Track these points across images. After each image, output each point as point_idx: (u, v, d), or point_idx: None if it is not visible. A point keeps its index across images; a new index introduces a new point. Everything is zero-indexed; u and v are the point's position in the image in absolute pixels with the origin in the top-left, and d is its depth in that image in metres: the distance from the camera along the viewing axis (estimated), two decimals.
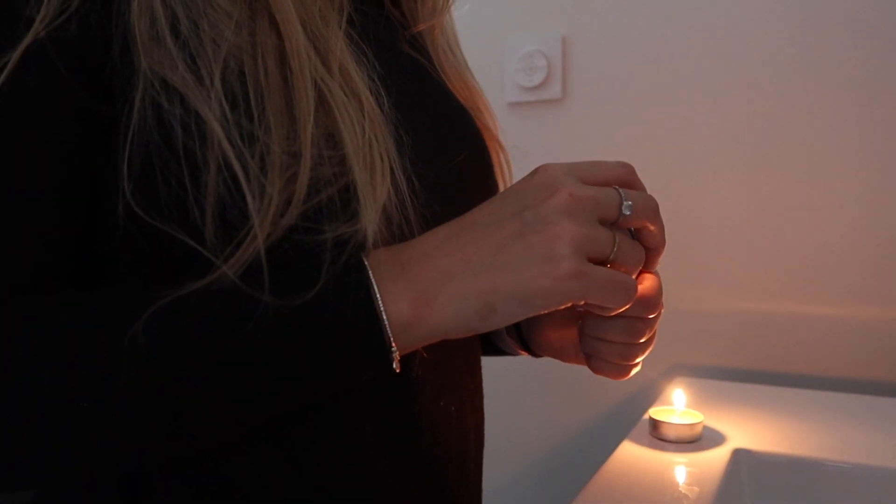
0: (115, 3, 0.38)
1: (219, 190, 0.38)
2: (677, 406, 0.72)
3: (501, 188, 0.64)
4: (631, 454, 0.65)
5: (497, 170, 0.63)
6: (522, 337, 0.60)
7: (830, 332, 0.95)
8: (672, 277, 0.53)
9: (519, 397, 1.13)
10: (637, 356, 0.50)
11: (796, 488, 0.65)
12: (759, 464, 0.66)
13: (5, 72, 0.35)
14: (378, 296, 0.38)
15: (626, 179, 0.43)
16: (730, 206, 0.99)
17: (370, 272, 0.38)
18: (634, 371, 0.50)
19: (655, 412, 0.71)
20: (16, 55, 0.35)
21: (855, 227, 0.93)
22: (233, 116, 0.38)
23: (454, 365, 0.54)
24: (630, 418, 0.81)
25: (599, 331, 0.49)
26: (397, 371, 0.40)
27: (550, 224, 0.38)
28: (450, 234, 0.41)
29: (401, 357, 0.40)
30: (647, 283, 0.48)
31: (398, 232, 0.43)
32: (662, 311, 0.49)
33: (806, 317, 0.96)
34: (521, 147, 0.77)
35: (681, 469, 0.62)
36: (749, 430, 0.71)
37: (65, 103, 0.38)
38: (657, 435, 0.69)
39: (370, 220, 0.40)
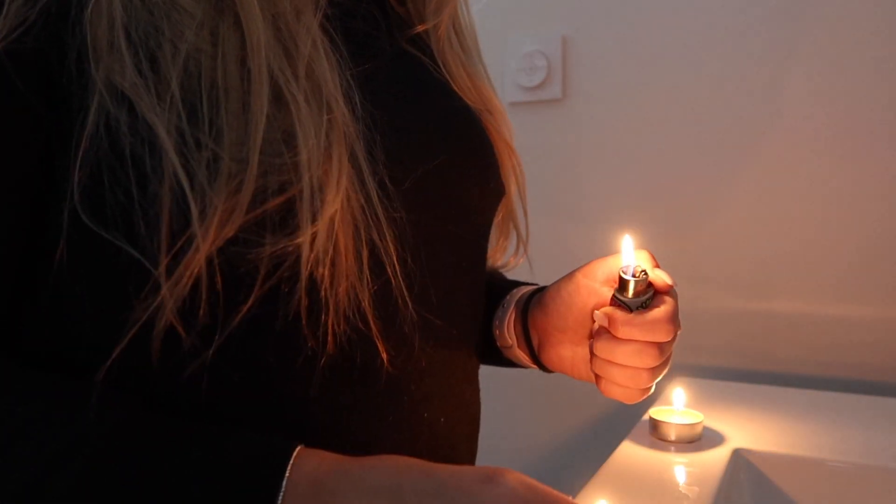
0: (72, 13, 0.37)
1: (164, 199, 0.36)
2: (677, 406, 0.72)
3: (514, 192, 0.63)
4: (631, 454, 0.65)
5: (506, 173, 0.61)
6: (534, 352, 0.59)
7: (830, 331, 0.95)
8: (672, 277, 0.53)
9: (519, 397, 1.13)
10: (648, 381, 0.49)
11: (796, 488, 0.65)
12: (759, 464, 0.66)
13: None
14: None
15: None
16: (730, 206, 0.99)
17: (280, 499, 0.35)
18: (645, 395, 0.49)
19: (655, 412, 0.71)
20: None
21: (855, 227, 0.93)
22: (184, 122, 0.36)
23: (448, 374, 0.52)
24: (630, 418, 0.81)
25: (610, 354, 0.48)
26: None
27: None
28: (383, 485, 0.36)
29: (389, 360, 0.39)
30: (661, 308, 0.46)
31: (367, 237, 0.41)
32: (679, 332, 0.48)
33: (806, 317, 0.96)
34: (521, 147, 0.77)
35: (681, 469, 0.62)
36: (749, 430, 0.71)
37: (19, 116, 0.37)
38: (657, 435, 0.69)
39: (311, 234, 0.38)
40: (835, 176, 0.93)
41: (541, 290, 0.59)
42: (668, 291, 0.50)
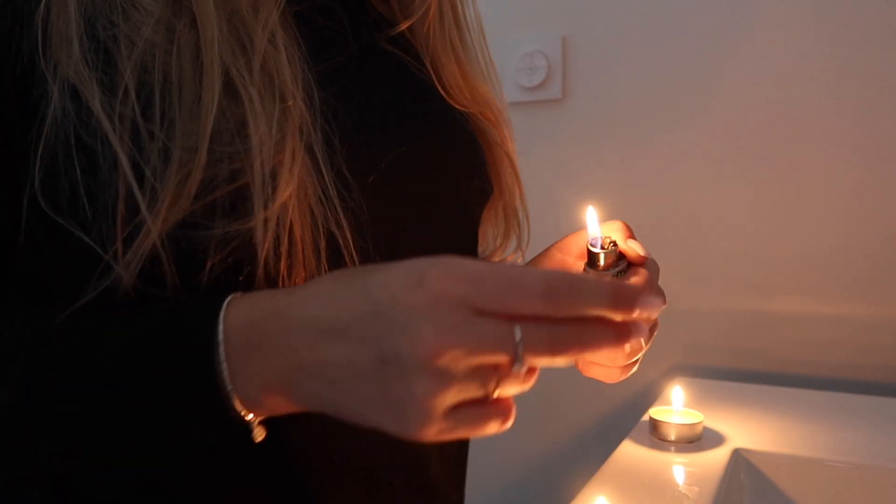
0: (26, 9, 0.39)
1: (113, 187, 0.38)
2: (677, 406, 0.72)
3: (515, 194, 0.62)
4: (631, 454, 0.65)
5: (500, 175, 0.61)
6: None
7: (830, 331, 0.95)
8: (672, 277, 0.53)
9: (518, 397, 1.13)
10: (626, 360, 0.47)
11: (796, 488, 0.65)
12: (759, 464, 0.66)
13: None
14: (226, 380, 0.35)
15: (542, 309, 0.32)
16: (730, 206, 0.99)
17: (221, 351, 0.35)
18: (627, 374, 0.48)
19: (655, 412, 0.71)
20: None
21: (855, 227, 0.93)
22: (138, 115, 0.38)
23: None
24: (630, 418, 0.81)
25: None
26: (260, 438, 0.37)
27: (409, 380, 0.32)
28: (321, 318, 0.35)
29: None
30: (633, 280, 0.45)
31: (325, 227, 0.42)
32: (664, 307, 0.48)
33: (806, 317, 0.96)
34: (521, 147, 0.77)
35: (681, 469, 0.62)
36: (749, 430, 0.71)
37: None
38: (657, 435, 0.69)
39: (264, 218, 0.39)
40: (836, 175, 0.93)
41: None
42: (644, 263, 0.49)
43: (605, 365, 0.48)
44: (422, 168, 0.51)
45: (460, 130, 0.57)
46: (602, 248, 0.48)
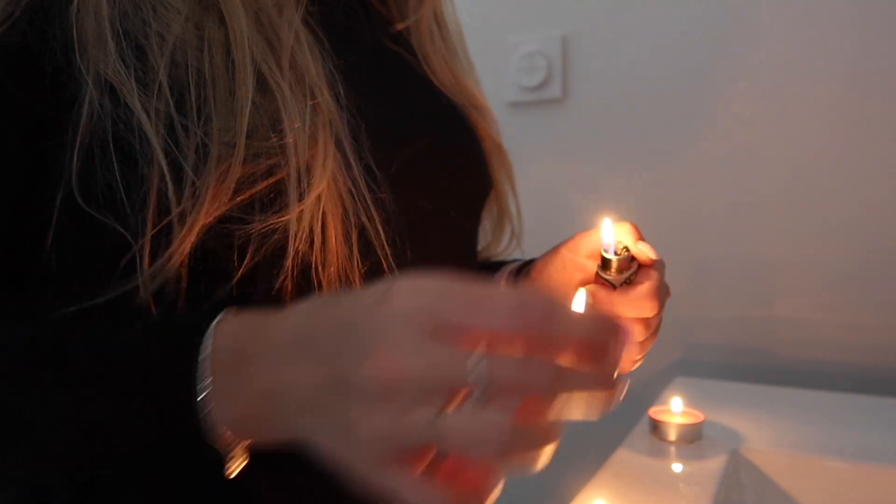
0: (55, 7, 0.39)
1: (151, 183, 0.38)
2: (677, 406, 0.72)
3: (506, 188, 0.64)
4: (631, 454, 0.65)
5: (495, 169, 0.63)
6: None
7: (830, 331, 0.95)
8: (672, 277, 0.53)
9: None
10: (636, 354, 0.49)
11: (796, 488, 0.65)
12: (759, 463, 0.66)
13: None
14: (205, 397, 0.34)
15: (508, 326, 0.30)
16: (730, 205, 0.99)
17: (203, 372, 0.35)
18: (635, 366, 0.49)
19: (655, 412, 0.71)
20: None
21: (856, 227, 0.93)
22: (172, 109, 0.38)
23: None
24: (630, 418, 0.80)
25: None
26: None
27: (350, 401, 0.31)
28: (295, 337, 0.35)
29: None
30: (645, 285, 0.47)
31: (356, 219, 0.43)
32: (667, 300, 0.48)
33: (806, 317, 0.96)
34: (521, 147, 0.77)
35: (681, 469, 0.62)
36: (749, 430, 0.71)
37: (3, 108, 0.38)
38: (657, 435, 0.69)
39: (299, 212, 0.40)
40: (838, 176, 0.93)
41: (529, 263, 0.60)
42: (653, 265, 0.50)
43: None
44: (439, 160, 0.53)
45: (465, 124, 0.59)
46: (615, 253, 0.49)
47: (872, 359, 0.92)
